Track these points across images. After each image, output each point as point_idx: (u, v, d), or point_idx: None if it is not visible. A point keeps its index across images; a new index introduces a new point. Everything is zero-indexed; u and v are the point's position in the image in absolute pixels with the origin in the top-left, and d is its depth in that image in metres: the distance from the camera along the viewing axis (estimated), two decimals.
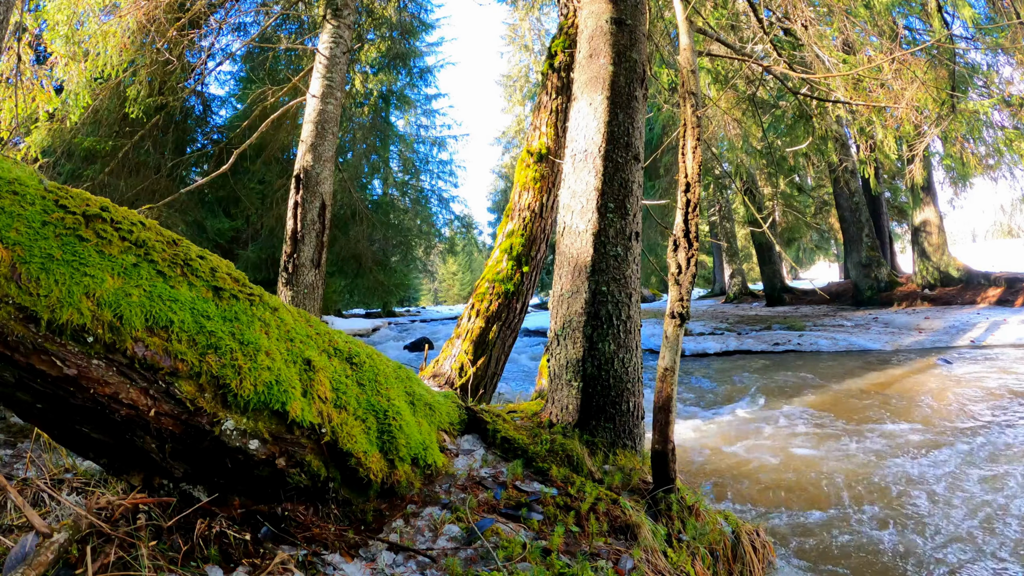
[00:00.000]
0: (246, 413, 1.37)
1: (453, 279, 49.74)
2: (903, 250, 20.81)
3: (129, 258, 1.26)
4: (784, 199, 16.75)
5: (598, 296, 2.50)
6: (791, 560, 2.50)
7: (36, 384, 1.13)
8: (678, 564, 1.77)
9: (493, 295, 3.80)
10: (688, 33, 2.32)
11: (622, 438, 2.45)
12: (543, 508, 1.79)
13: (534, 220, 3.91)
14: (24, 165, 1.28)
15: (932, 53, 5.79)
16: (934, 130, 5.72)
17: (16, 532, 1.36)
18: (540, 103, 4.14)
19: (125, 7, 4.98)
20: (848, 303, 14.72)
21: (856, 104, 4.79)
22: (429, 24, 18.87)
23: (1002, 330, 8.82)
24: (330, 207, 5.04)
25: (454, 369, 3.67)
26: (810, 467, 3.70)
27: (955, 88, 5.95)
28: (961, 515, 2.88)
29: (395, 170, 20.52)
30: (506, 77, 30.63)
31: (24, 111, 5.20)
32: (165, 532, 1.32)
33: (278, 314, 1.58)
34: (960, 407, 4.97)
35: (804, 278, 25.68)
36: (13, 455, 2.86)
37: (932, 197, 13.89)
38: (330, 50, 5.19)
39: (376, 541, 1.52)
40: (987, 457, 3.72)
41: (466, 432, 2.29)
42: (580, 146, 2.67)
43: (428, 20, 18.82)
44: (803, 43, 4.78)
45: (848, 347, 8.82)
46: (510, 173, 30.95)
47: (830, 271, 31.92)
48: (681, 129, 2.17)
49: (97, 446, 1.32)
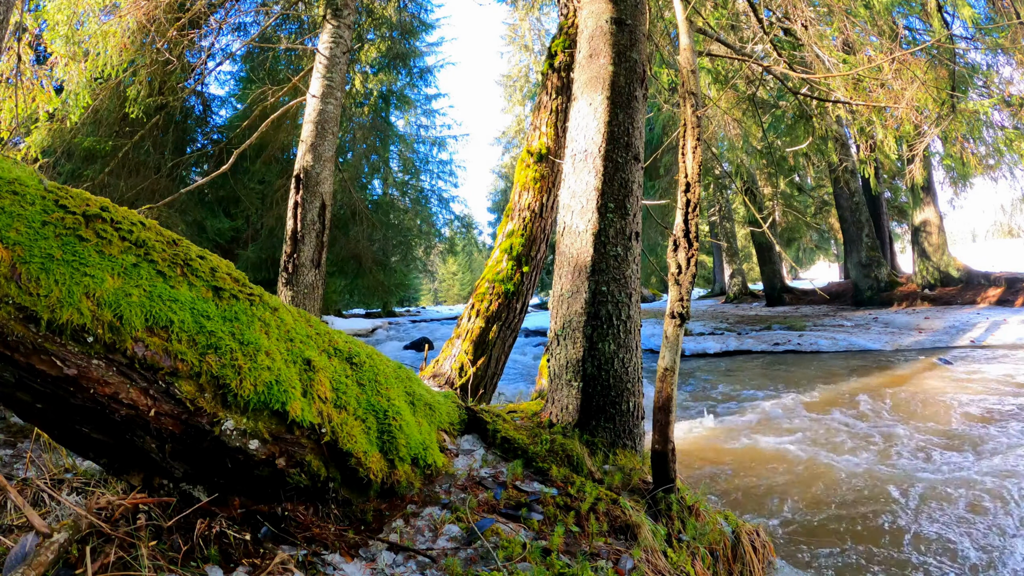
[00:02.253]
0: (246, 413, 1.37)
1: (453, 279, 49.75)
2: (903, 250, 20.81)
3: (129, 258, 1.26)
4: (784, 199, 16.75)
5: (598, 296, 2.50)
6: (792, 558, 2.50)
7: (36, 384, 1.13)
8: (678, 564, 1.77)
9: (493, 295, 3.80)
10: (688, 33, 2.32)
11: (622, 438, 2.45)
12: (543, 508, 1.79)
13: (534, 220, 3.91)
14: (24, 165, 1.28)
15: (932, 53, 5.79)
16: (934, 130, 5.72)
17: (16, 532, 1.36)
18: (540, 103, 4.14)
19: (125, 7, 4.98)
20: (848, 303, 14.72)
21: (856, 104, 4.79)
22: (429, 24, 18.87)
23: (1002, 330, 8.82)
24: (330, 207, 5.04)
25: (454, 369, 3.67)
26: (810, 467, 3.69)
27: (955, 88, 5.95)
28: (960, 514, 2.88)
29: (395, 170, 20.53)
30: (506, 77, 30.64)
31: (24, 111, 5.20)
32: (165, 532, 1.32)
33: (278, 314, 1.58)
34: (960, 406, 4.96)
35: (804, 278, 25.68)
36: (13, 455, 2.86)
37: (932, 197, 13.89)
38: (330, 50, 5.19)
39: (376, 541, 1.52)
40: (983, 457, 3.72)
41: (466, 432, 2.29)
42: (580, 146, 2.67)
43: (428, 20, 18.83)
44: (803, 43, 4.78)
45: (848, 347, 8.82)
46: (510, 173, 30.95)
47: (830, 271, 31.91)
48: (681, 129, 2.17)
49: (97, 446, 1.32)
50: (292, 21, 10.29)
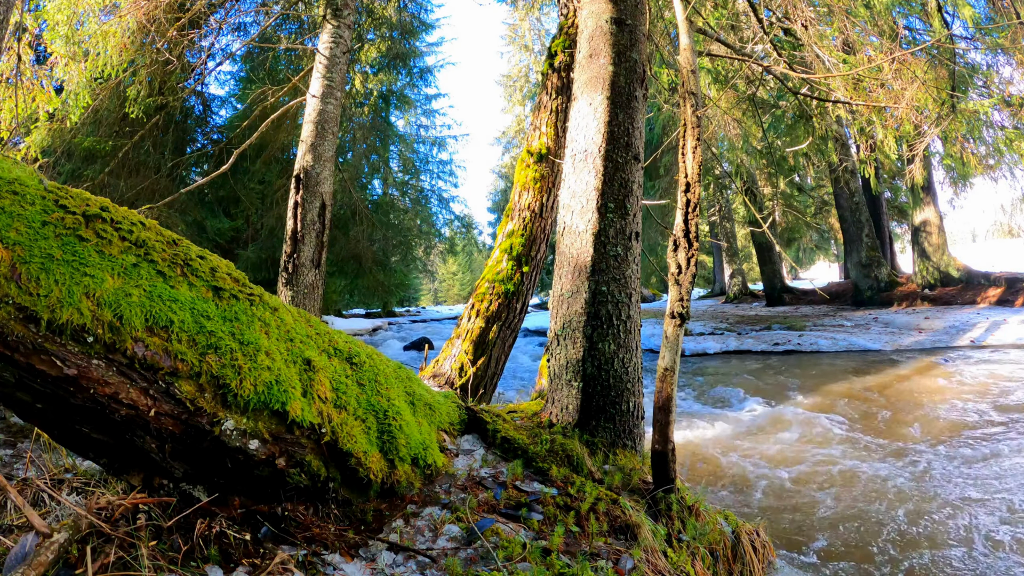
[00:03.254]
0: (246, 413, 1.37)
1: (453, 279, 49.74)
2: (903, 250, 20.80)
3: (129, 258, 1.26)
4: (784, 199, 16.74)
5: (598, 296, 2.50)
6: (793, 559, 2.50)
7: (36, 384, 1.13)
8: (678, 564, 1.77)
9: (493, 295, 3.80)
10: (688, 33, 2.32)
11: (622, 438, 2.45)
12: (543, 508, 1.79)
13: (534, 220, 3.91)
14: (24, 165, 1.28)
15: (932, 53, 5.79)
16: (934, 130, 5.71)
17: (16, 532, 1.36)
18: (540, 103, 4.14)
19: (125, 7, 4.98)
20: (848, 303, 14.72)
21: (856, 104, 4.78)
22: (429, 24, 18.88)
23: (1002, 330, 8.82)
24: (330, 207, 5.04)
25: (454, 369, 3.67)
26: (809, 466, 3.69)
27: (955, 88, 5.95)
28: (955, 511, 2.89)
29: (395, 170, 20.53)
30: (506, 77, 30.62)
31: (24, 111, 5.20)
32: (165, 532, 1.32)
33: (278, 314, 1.58)
34: (959, 406, 4.96)
35: (804, 278, 25.67)
36: (13, 455, 2.86)
37: (932, 197, 13.89)
38: (330, 50, 5.19)
39: (376, 541, 1.52)
40: (980, 456, 3.72)
41: (466, 432, 2.29)
42: (580, 146, 2.67)
43: (428, 20, 18.84)
44: (803, 43, 4.78)
45: (848, 347, 8.82)
46: (510, 173, 30.94)
47: (830, 271, 31.89)
48: (681, 129, 2.17)
49: (97, 446, 1.32)
50: (292, 21, 10.29)
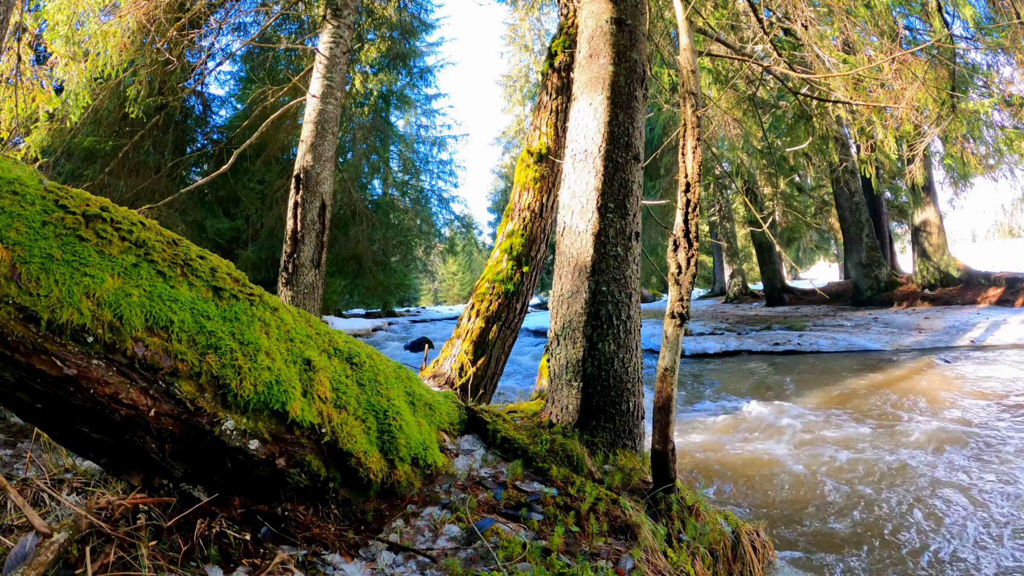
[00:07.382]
0: (246, 413, 1.37)
1: (453, 279, 49.74)
2: (903, 250, 20.79)
3: (129, 258, 1.26)
4: (784, 199, 16.72)
5: (598, 296, 2.50)
6: (792, 558, 2.50)
7: (36, 384, 1.13)
8: (678, 564, 1.77)
9: (493, 295, 3.80)
10: (688, 33, 2.32)
11: (622, 438, 2.45)
12: (543, 508, 1.79)
13: (534, 220, 3.91)
14: (24, 165, 1.28)
15: (932, 53, 5.79)
16: (934, 130, 5.71)
17: (16, 532, 1.36)
18: (540, 103, 4.14)
19: (125, 7, 4.98)
20: (848, 303, 14.71)
21: (856, 104, 4.78)
22: (429, 24, 18.88)
23: (1002, 330, 8.81)
24: (330, 207, 5.04)
25: (454, 369, 3.67)
26: (809, 466, 3.69)
27: (955, 88, 5.94)
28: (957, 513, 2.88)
29: (395, 170, 20.53)
30: (506, 77, 30.61)
31: (24, 111, 5.20)
32: (165, 532, 1.32)
33: (278, 314, 1.58)
34: (959, 406, 4.96)
35: (804, 278, 25.67)
36: (13, 455, 2.86)
37: (932, 197, 13.88)
38: (330, 50, 5.19)
39: (376, 541, 1.52)
40: (982, 458, 3.72)
41: (466, 432, 2.29)
42: (580, 146, 2.67)
43: (428, 20, 18.83)
44: (803, 43, 4.78)
45: (848, 347, 8.82)
46: (510, 173, 30.94)
47: (830, 271, 31.88)
48: (681, 129, 2.17)
49: (97, 446, 1.32)
50: (292, 21, 10.29)
